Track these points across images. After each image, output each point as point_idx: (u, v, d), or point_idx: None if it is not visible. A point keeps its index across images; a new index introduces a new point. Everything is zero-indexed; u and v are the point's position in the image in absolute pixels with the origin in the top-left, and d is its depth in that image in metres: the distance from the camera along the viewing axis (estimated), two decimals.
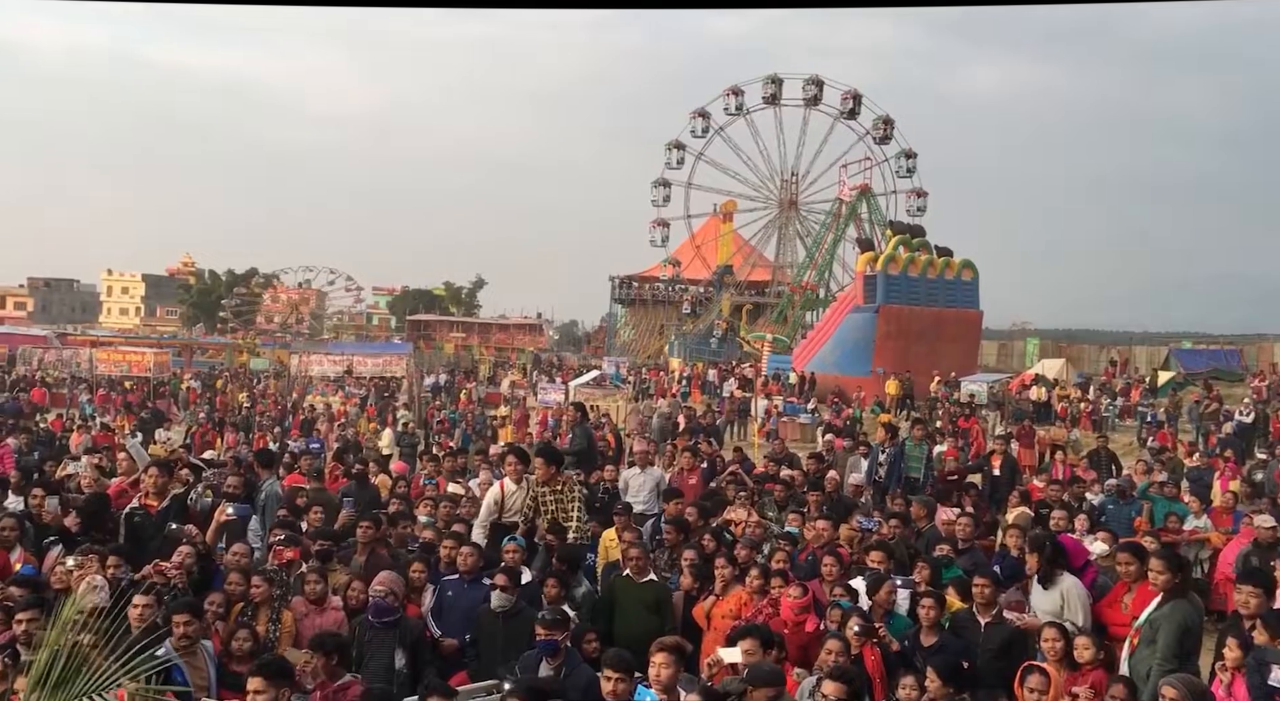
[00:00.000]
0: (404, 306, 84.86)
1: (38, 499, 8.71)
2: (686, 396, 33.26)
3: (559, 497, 9.13)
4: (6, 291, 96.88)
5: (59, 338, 50.70)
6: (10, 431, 17.20)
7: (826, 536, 9.06)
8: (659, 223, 63.59)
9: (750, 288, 61.95)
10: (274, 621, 6.92)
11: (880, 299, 34.49)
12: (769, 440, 22.11)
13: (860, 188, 53.14)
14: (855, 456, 14.97)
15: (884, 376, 31.66)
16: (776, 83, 60.81)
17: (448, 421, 25.73)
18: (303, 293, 70.60)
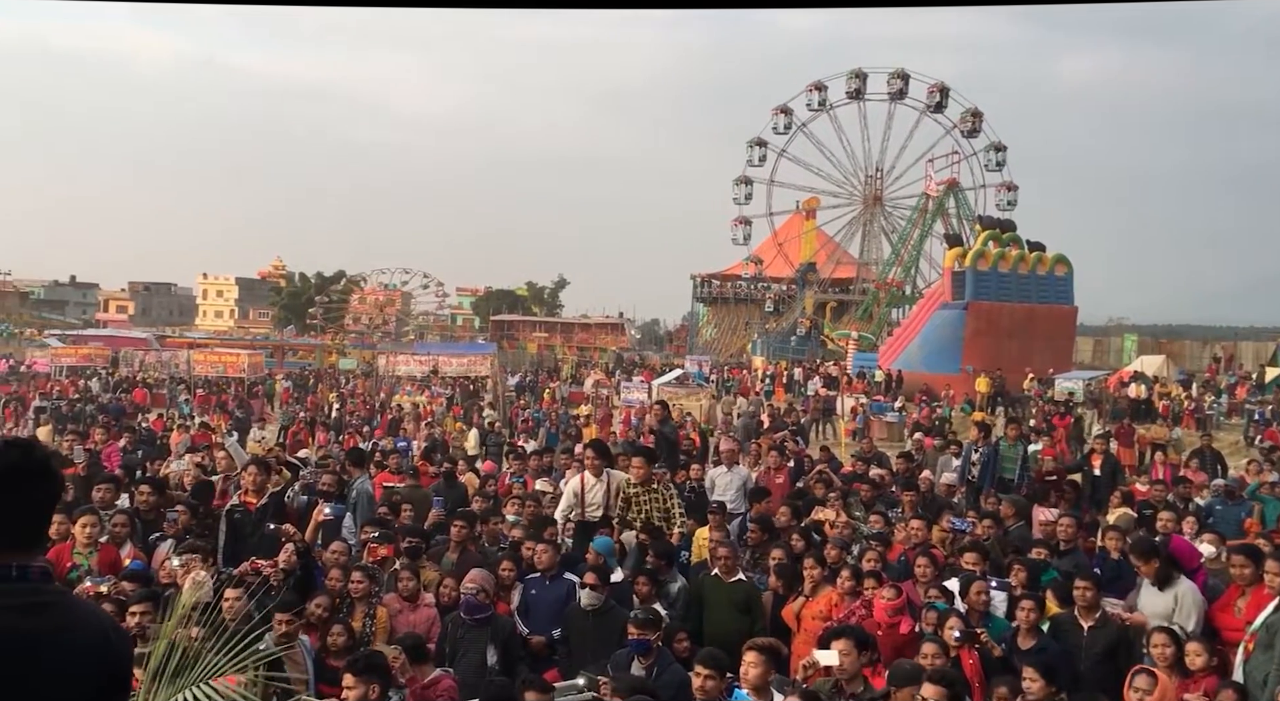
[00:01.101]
0: (487, 307, 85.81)
1: (144, 496, 8.97)
2: (770, 395, 33.01)
3: (654, 496, 9.11)
4: (109, 295, 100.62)
5: (158, 340, 52.36)
6: (116, 431, 17.77)
7: (920, 537, 8.88)
8: (741, 220, 63.27)
9: (834, 285, 61.27)
10: (369, 617, 7.01)
11: (969, 295, 33.79)
12: (856, 439, 21.79)
13: (948, 182, 52.16)
14: (946, 456, 14.66)
15: (973, 374, 30.99)
16: (860, 77, 60.03)
17: (532, 420, 25.93)
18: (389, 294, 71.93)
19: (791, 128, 61.66)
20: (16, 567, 2.11)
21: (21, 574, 2.12)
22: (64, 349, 44.24)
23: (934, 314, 35.62)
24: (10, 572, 2.11)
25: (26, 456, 2.19)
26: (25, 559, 2.15)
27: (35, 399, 29.01)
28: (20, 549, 2.15)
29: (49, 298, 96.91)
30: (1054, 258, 35.70)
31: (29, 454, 2.20)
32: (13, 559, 2.13)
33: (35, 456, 2.21)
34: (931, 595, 7.28)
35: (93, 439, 16.42)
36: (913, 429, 21.50)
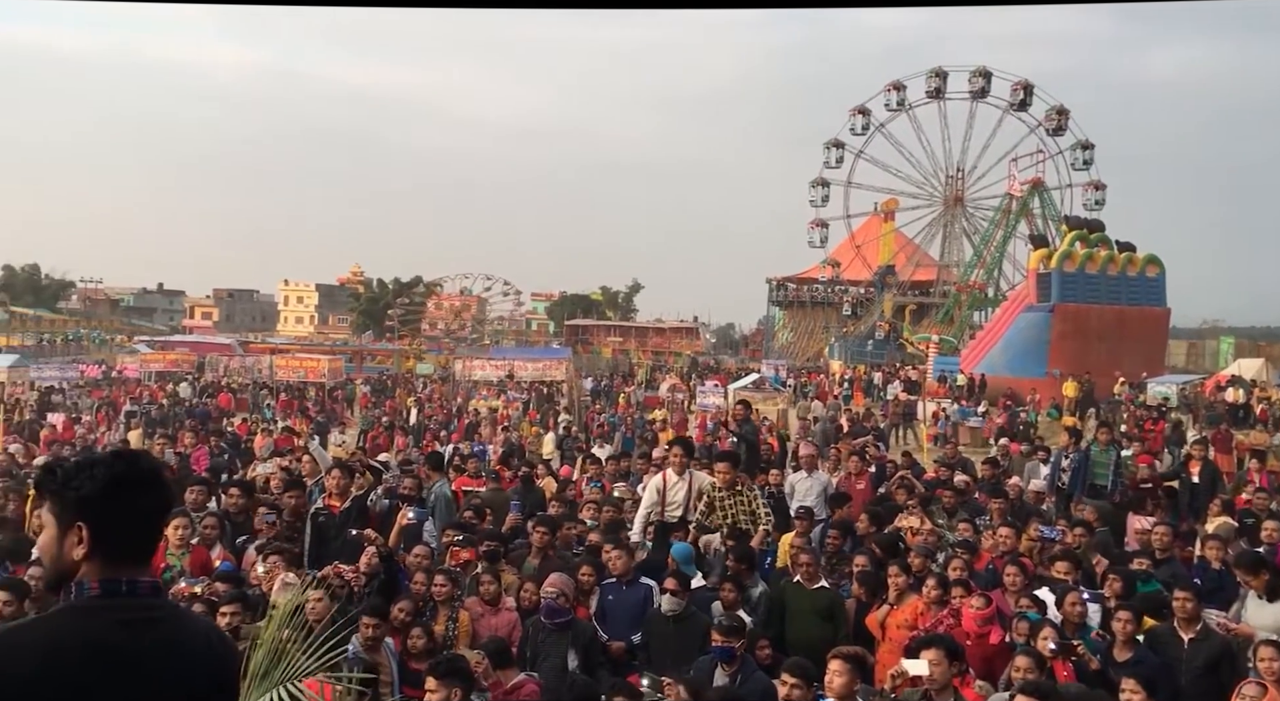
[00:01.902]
0: (562, 311, 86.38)
1: (233, 498, 9.15)
2: (848, 399, 32.58)
3: (739, 500, 9.02)
4: (195, 302, 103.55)
5: (241, 345, 53.65)
6: (204, 435, 18.22)
7: (1008, 545, 8.63)
8: (817, 223, 62.73)
9: (913, 288, 60.37)
10: (452, 620, 7.04)
11: (1055, 297, 33.01)
12: (938, 444, 21.36)
13: (1032, 182, 51.02)
14: (1034, 462, 14.25)
15: (1060, 378, 30.21)
16: (941, 76, 59.11)
17: (607, 425, 25.92)
18: (465, 299, 72.95)
19: (870, 128, 61.01)
20: (126, 582, 2.10)
21: (131, 588, 2.11)
22: (152, 354, 45.55)
23: (1018, 316, 34.90)
24: (120, 587, 2.10)
25: (132, 467, 2.16)
26: (135, 573, 2.14)
27: (126, 403, 29.84)
28: (130, 562, 2.14)
29: (138, 305, 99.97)
30: (1145, 258, 34.70)
31: (134, 464, 2.18)
32: (122, 573, 2.11)
33: (141, 467, 2.18)
34: (1022, 605, 7.10)
35: (182, 442, 16.85)
36: (997, 434, 20.97)
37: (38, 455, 15.19)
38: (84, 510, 2.11)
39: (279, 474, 11.06)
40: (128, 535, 2.14)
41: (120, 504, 2.11)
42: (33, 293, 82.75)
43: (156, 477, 2.20)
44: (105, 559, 2.10)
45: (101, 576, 2.10)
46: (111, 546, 2.11)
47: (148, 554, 2.22)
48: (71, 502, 2.12)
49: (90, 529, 2.10)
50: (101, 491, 2.11)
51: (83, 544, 2.10)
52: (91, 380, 37.81)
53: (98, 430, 23.30)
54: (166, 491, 2.25)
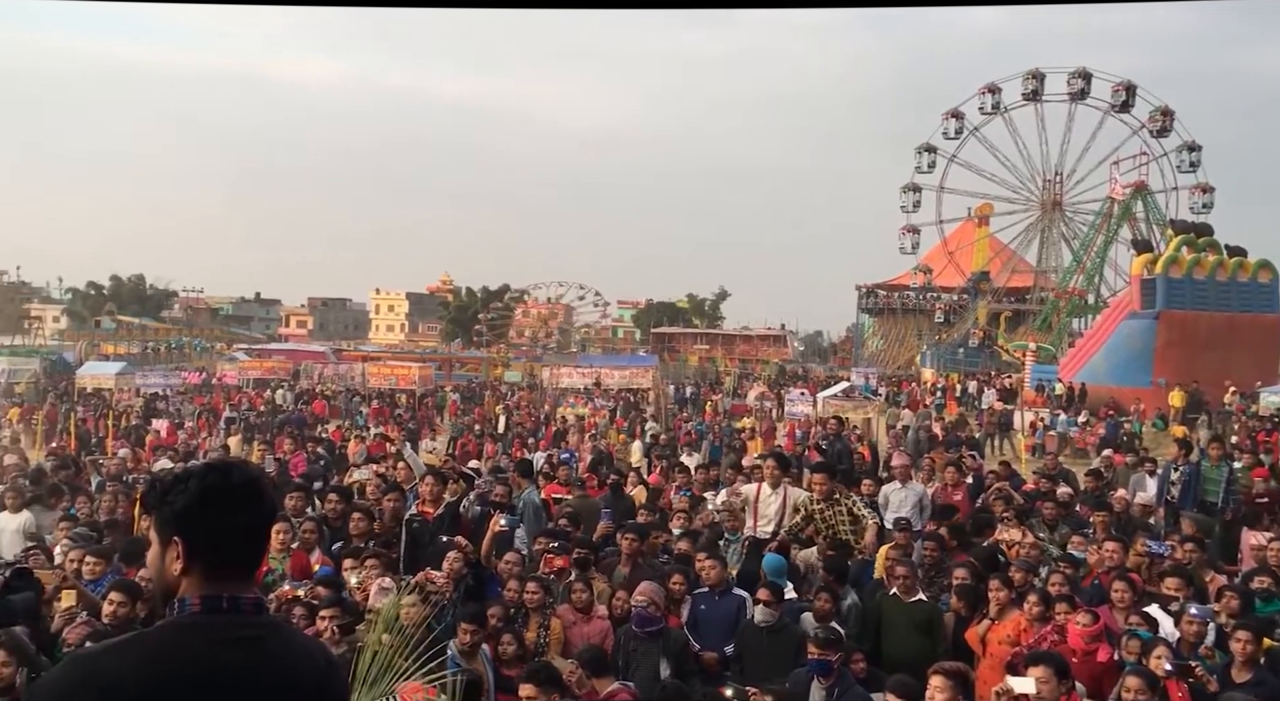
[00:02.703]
0: (648, 319, 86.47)
1: (332, 504, 9.33)
2: (941, 408, 31.91)
3: (837, 511, 8.89)
4: (290, 311, 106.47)
5: (335, 353, 54.86)
6: (302, 441, 18.62)
7: (1115, 560, 8.30)
8: (909, 229, 61.69)
9: (1009, 294, 58.95)
10: (544, 627, 7.04)
11: (1160, 304, 31.87)
12: (1036, 455, 20.77)
13: (1135, 185, 49.36)
14: (1140, 474, 13.71)
15: (1166, 387, 29.12)
16: (1038, 78, 57.65)
17: (694, 433, 25.82)
18: (551, 307, 73.52)
19: (963, 132, 59.77)
20: (228, 599, 2.05)
21: (233, 605, 2.05)
22: (250, 362, 46.98)
23: (1121, 324, 33.81)
24: (220, 603, 2.05)
25: (224, 479, 2.11)
26: (237, 589, 2.08)
27: (226, 409, 30.71)
28: (231, 578, 2.08)
29: (236, 313, 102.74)
30: (1256, 263, 33.29)
31: (226, 476, 2.12)
32: (224, 589, 2.06)
33: (233, 479, 2.12)
34: (1132, 622, 6.81)
35: (280, 449, 17.26)
36: (1099, 445, 20.27)
37: (144, 460, 15.71)
38: (179, 525, 2.08)
39: (375, 480, 11.24)
40: (225, 549, 2.08)
41: (213, 518, 2.07)
42: (138, 302, 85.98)
43: (251, 489, 2.13)
44: (205, 574, 2.06)
45: (203, 593, 2.05)
46: (210, 561, 2.06)
47: (250, 569, 2.16)
48: (168, 517, 2.10)
49: (186, 544, 2.07)
50: (194, 505, 2.06)
51: (180, 559, 2.06)
52: (193, 387, 39.02)
53: (199, 436, 23.96)
54: (263, 504, 2.16)
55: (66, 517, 9.61)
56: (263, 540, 2.20)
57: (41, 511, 10.14)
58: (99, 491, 11.49)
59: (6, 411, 28.16)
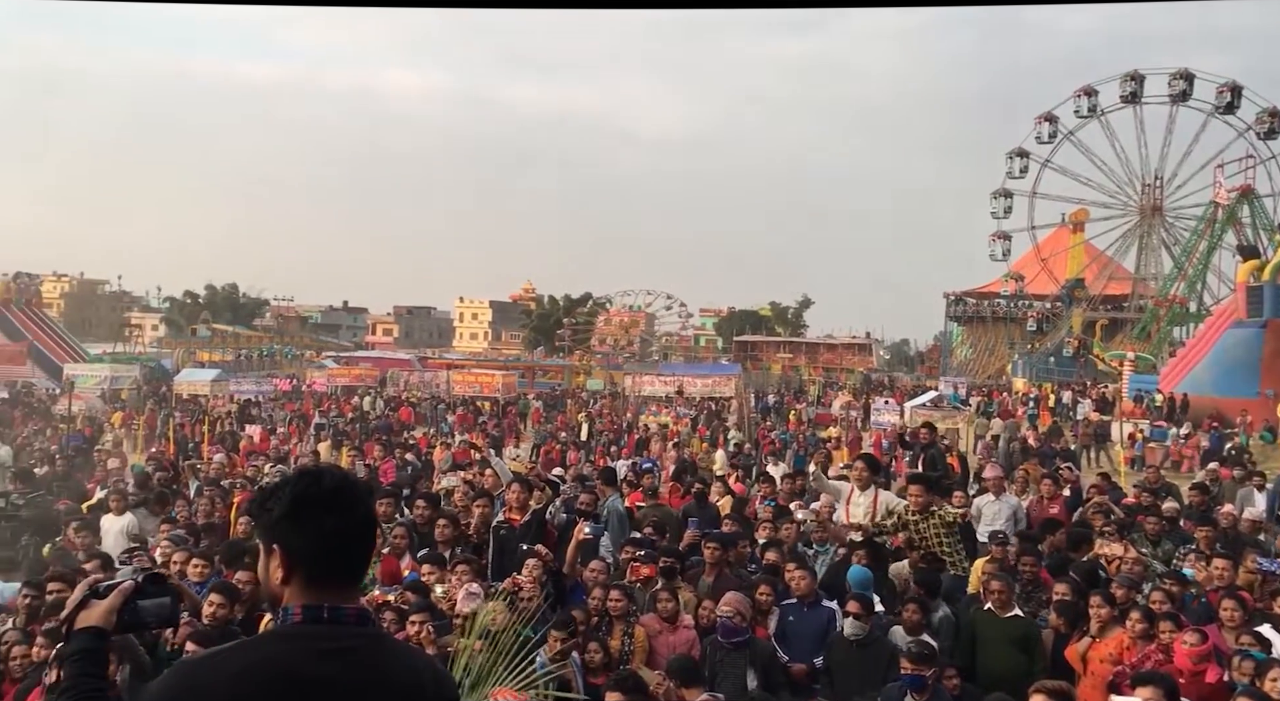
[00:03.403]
0: (730, 327, 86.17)
1: (420, 510, 9.43)
2: (1034, 418, 31.07)
3: (930, 523, 8.69)
4: (377, 319, 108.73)
5: (420, 361, 55.82)
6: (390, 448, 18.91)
7: (1226, 578, 7.94)
8: (999, 235, 60.44)
9: (1105, 302, 57.34)
10: (627, 636, 7.00)
11: (1269, 312, 30.68)
12: (1135, 467, 20.10)
13: (1241, 189, 47.60)
14: (1248, 488, 13.13)
15: (1274, 399, 27.92)
16: (1136, 80, 56.07)
17: (779, 442, 25.58)
18: (633, 315, 73.70)
19: (1057, 136, 58.39)
20: (329, 609, 2.02)
21: (334, 616, 2.02)
22: (338, 369, 48.02)
23: (1225, 332, 32.63)
24: (321, 613, 2.01)
25: (314, 486, 2.07)
26: (339, 599, 2.04)
27: (315, 416, 31.34)
28: (332, 587, 2.05)
29: (325, 322, 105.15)
30: None
31: (317, 483, 2.08)
32: (325, 598, 2.03)
33: (324, 486, 2.07)
34: (1243, 642, 6.51)
35: (370, 455, 17.56)
36: (1204, 458, 19.48)
37: (239, 465, 16.12)
38: (276, 532, 2.07)
39: (463, 487, 11.34)
40: (321, 557, 2.04)
41: (306, 525, 2.03)
42: (231, 311, 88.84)
43: (343, 496, 2.08)
44: (305, 583, 2.03)
45: (304, 602, 2.03)
46: (308, 569, 2.03)
47: (352, 578, 2.11)
48: (267, 525, 2.09)
49: (284, 551, 2.05)
50: (287, 512, 2.04)
51: (280, 567, 2.05)
52: (284, 393, 40.00)
53: (291, 441, 24.51)
54: (357, 510, 2.10)
55: (167, 520, 9.89)
56: (361, 548, 2.13)
57: (145, 515, 10.46)
58: (197, 495, 11.81)
59: (110, 416, 29.19)
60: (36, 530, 10.30)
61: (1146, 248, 58.89)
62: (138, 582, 2.20)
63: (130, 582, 2.19)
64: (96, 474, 15.25)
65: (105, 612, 2.14)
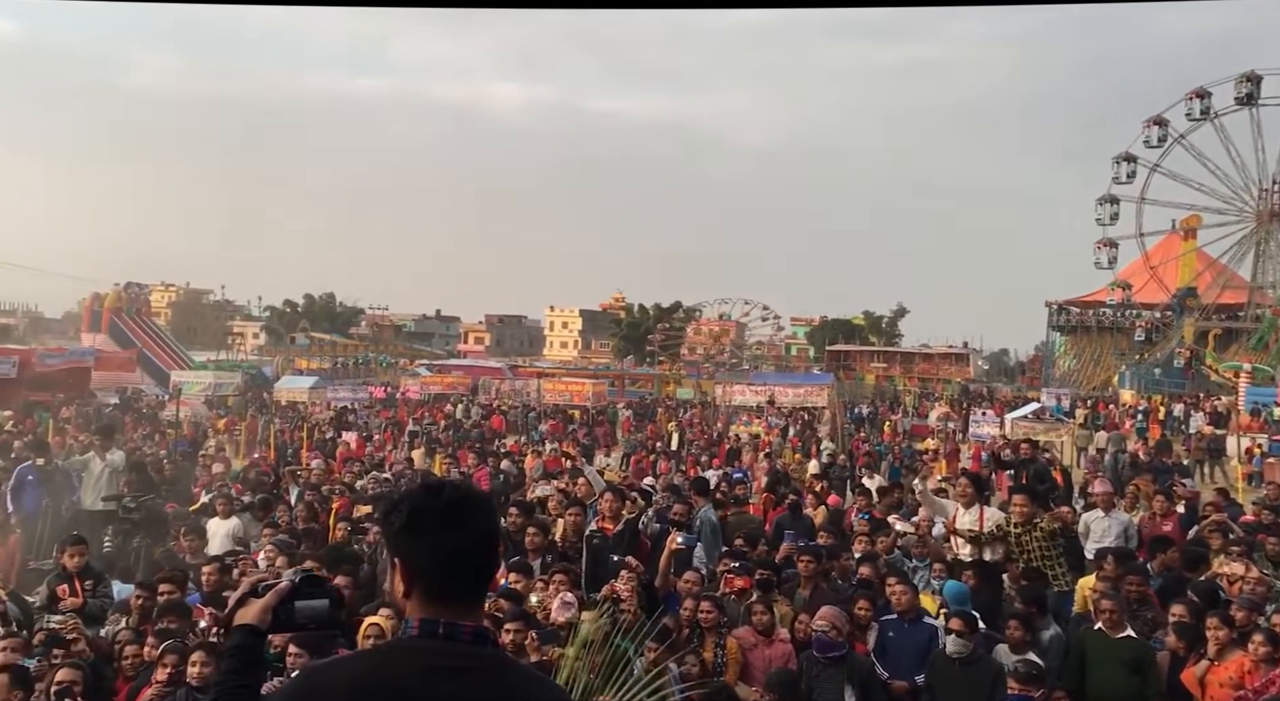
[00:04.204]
0: (823, 336, 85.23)
1: (513, 518, 9.46)
2: (1143, 432, 29.92)
3: (1033, 536, 8.41)
4: (469, 328, 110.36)
5: (511, 369, 56.39)
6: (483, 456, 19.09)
7: None
8: (1105, 243, 58.54)
9: (1219, 311, 55.03)
10: (719, 647, 6.91)
11: None
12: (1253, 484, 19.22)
13: None
14: None
15: None
16: (1253, 80, 53.85)
17: (873, 454, 25.11)
18: (723, 324, 73.34)
19: (1167, 140, 56.32)
20: (444, 625, 2.00)
21: (449, 632, 1.99)
22: (431, 377, 48.80)
23: None
24: (436, 629, 1.99)
25: (430, 499, 2.05)
26: (456, 615, 2.01)
27: (409, 423, 31.81)
28: (451, 602, 2.02)
29: (418, 330, 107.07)
30: None
31: (434, 496, 2.06)
32: (442, 613, 2.00)
33: (441, 499, 2.06)
34: None
35: (464, 463, 17.75)
36: None
37: (335, 471, 16.45)
38: (397, 546, 2.06)
39: (557, 495, 11.37)
40: (438, 571, 2.02)
41: (422, 539, 2.02)
42: (328, 319, 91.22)
43: (460, 510, 2.05)
44: (424, 597, 2.02)
45: (422, 616, 2.01)
46: (427, 583, 2.02)
47: (472, 594, 2.07)
48: (389, 538, 2.10)
49: (403, 565, 2.05)
50: (406, 526, 2.03)
51: (401, 580, 2.05)
52: (379, 401, 40.76)
53: (386, 448, 24.91)
54: (474, 525, 2.07)
55: (270, 524, 10.12)
56: (480, 564, 2.09)
57: (249, 520, 10.73)
58: (298, 501, 12.07)
59: (213, 422, 30.11)
60: (148, 533, 10.64)
61: (1264, 255, 56.32)
62: (294, 583, 2.22)
63: (287, 583, 2.22)
64: (201, 478, 15.72)
65: (260, 611, 2.18)
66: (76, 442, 17.44)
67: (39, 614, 7.54)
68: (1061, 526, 10.37)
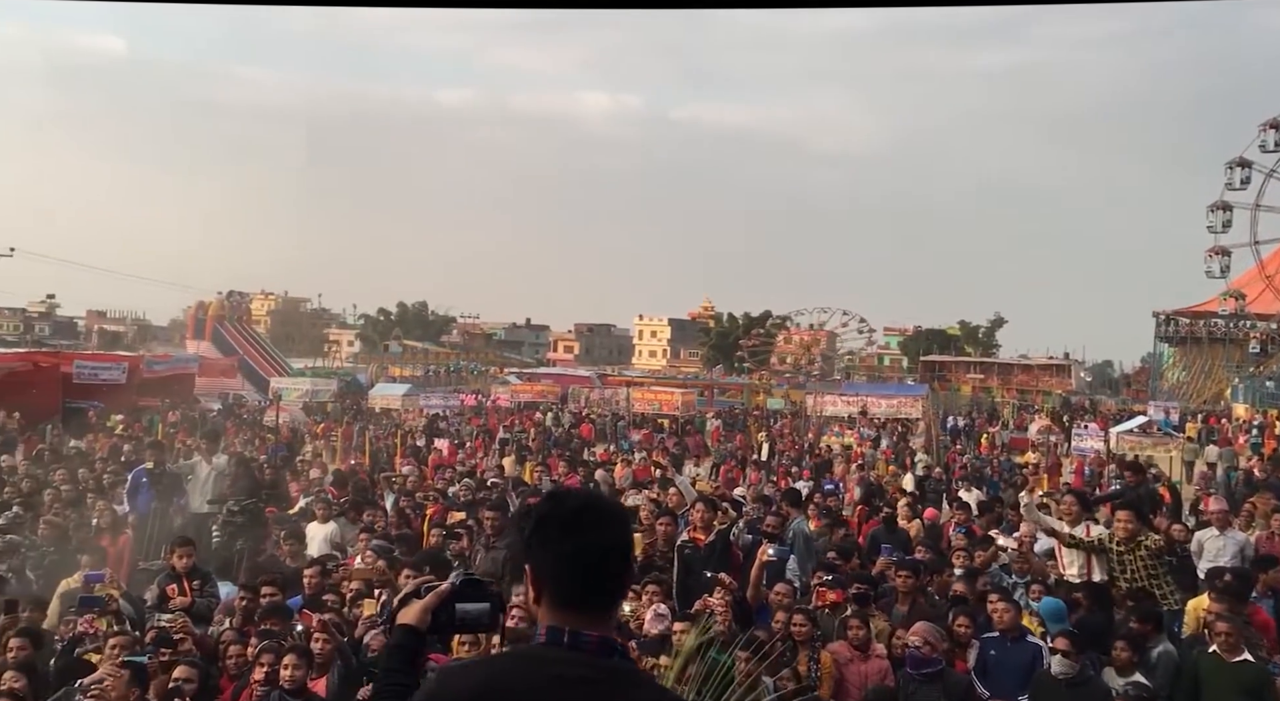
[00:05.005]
0: (916, 347, 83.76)
1: None
2: (1258, 447, 28.59)
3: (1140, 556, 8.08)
4: (558, 336, 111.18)
5: (599, 378, 56.63)
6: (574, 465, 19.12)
7: None
8: (1217, 251, 56.34)
9: None
10: (813, 661, 6.79)
11: None
12: None
13: None
14: None
15: None
16: None
17: (971, 467, 24.50)
18: (814, 334, 72.54)
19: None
20: (569, 633, 2.00)
21: (574, 641, 1.99)
22: (521, 385, 49.29)
23: None
24: (561, 637, 2.00)
25: (556, 507, 2.08)
26: (583, 623, 2.01)
27: (500, 431, 32.07)
28: (576, 610, 2.02)
29: (508, 339, 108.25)
30: None
31: (560, 504, 2.09)
32: (568, 622, 2.00)
33: (566, 506, 2.08)
34: None
35: (555, 471, 17.83)
36: None
37: (428, 478, 16.67)
38: (527, 552, 2.09)
39: (648, 505, 11.34)
40: (562, 579, 2.03)
41: (547, 546, 2.04)
42: (421, 327, 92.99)
43: (582, 517, 2.05)
44: (551, 605, 2.03)
45: (549, 623, 2.02)
46: (553, 591, 2.03)
47: (598, 603, 2.06)
48: (521, 545, 2.12)
49: (532, 572, 2.07)
50: (533, 533, 2.06)
51: (532, 587, 2.07)
52: (469, 408, 41.25)
53: (477, 456, 25.17)
54: (597, 533, 2.05)
55: (366, 529, 10.30)
56: (606, 572, 2.07)
57: (345, 524, 10.95)
58: (393, 507, 12.27)
59: (311, 428, 30.80)
60: (250, 536, 10.93)
61: None
62: (455, 586, 2.25)
63: (449, 585, 2.26)
64: (299, 483, 16.09)
65: (420, 612, 2.22)
66: (183, 447, 18.00)
67: (150, 613, 7.78)
68: (1169, 544, 9.98)
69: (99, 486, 13.69)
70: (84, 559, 9.00)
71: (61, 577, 8.81)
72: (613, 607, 2.11)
